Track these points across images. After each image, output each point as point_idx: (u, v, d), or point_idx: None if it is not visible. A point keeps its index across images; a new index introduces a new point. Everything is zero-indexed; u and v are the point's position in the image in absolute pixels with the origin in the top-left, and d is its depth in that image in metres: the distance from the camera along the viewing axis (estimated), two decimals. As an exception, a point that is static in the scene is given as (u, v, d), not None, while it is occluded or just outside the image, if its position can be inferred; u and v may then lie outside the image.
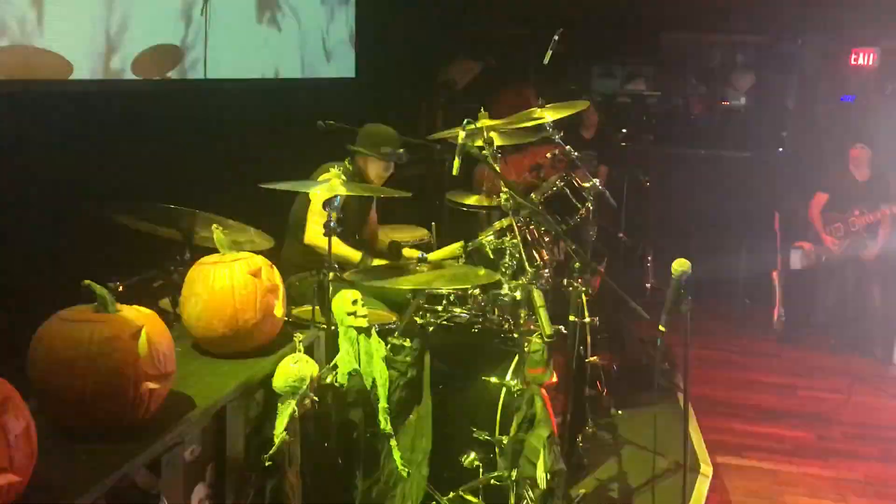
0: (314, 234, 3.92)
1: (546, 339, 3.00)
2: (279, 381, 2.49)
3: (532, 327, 3.29)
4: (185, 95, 4.39)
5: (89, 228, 3.41)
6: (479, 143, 3.65)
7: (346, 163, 4.10)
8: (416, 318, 3.57)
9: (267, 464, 2.40)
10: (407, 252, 4.31)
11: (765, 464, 4.31)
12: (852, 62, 7.75)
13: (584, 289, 3.82)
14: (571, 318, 3.30)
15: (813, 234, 6.29)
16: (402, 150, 4.09)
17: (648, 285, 6.80)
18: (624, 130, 7.35)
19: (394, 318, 3.60)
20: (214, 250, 3.02)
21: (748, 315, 6.73)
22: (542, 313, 2.98)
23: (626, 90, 8.56)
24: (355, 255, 3.95)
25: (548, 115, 3.94)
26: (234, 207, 3.17)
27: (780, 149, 7.44)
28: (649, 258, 6.86)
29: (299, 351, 2.61)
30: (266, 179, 3.06)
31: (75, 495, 1.74)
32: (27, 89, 3.34)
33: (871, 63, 7.65)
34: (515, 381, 3.28)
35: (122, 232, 3.25)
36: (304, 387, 2.50)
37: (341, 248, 3.90)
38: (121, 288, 3.00)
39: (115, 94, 3.85)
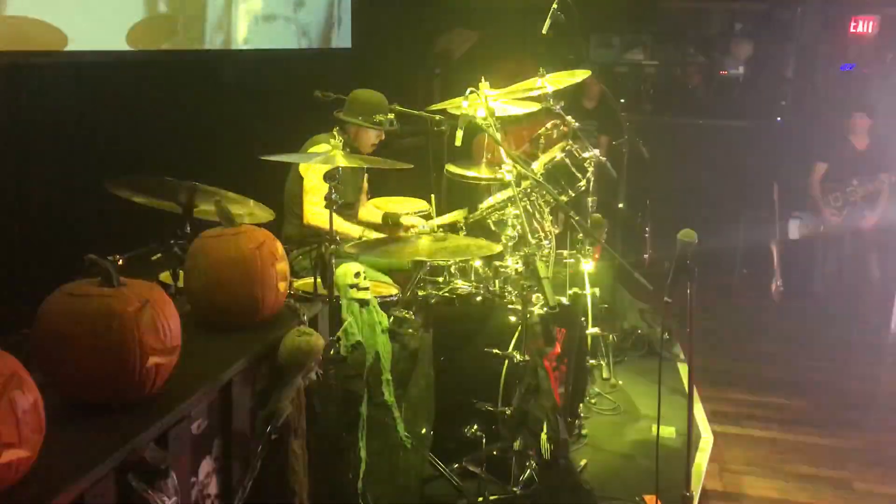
0: (312, 214, 3.89)
1: (549, 311, 3.00)
2: (285, 354, 2.49)
3: (535, 299, 3.29)
4: (181, 67, 4.33)
5: (87, 202, 3.39)
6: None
7: (335, 133, 4.05)
8: (418, 291, 3.57)
9: (273, 437, 2.40)
10: (409, 220, 4.29)
11: (764, 433, 4.34)
12: (851, 30, 7.70)
13: (584, 260, 3.83)
14: (575, 290, 3.29)
15: (811, 204, 6.29)
16: (392, 116, 4.05)
17: (646, 256, 6.79)
18: (622, 101, 7.29)
19: (395, 291, 3.59)
20: (214, 223, 3.00)
21: (746, 285, 6.74)
22: (546, 285, 2.98)
23: (623, 60, 8.49)
24: (355, 230, 3.93)
25: (549, 84, 3.90)
26: (230, 179, 3.13)
27: (779, 118, 7.40)
28: (647, 229, 6.85)
29: (304, 324, 2.60)
30: (260, 151, 3.03)
31: (85, 471, 1.73)
32: (22, 61, 3.29)
33: (870, 31, 7.60)
34: (518, 353, 3.28)
35: (119, 205, 3.21)
36: (310, 360, 2.49)
37: (342, 225, 3.88)
38: (120, 262, 2.99)
39: (109, 65, 3.80)
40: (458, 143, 3.28)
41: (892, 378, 5.28)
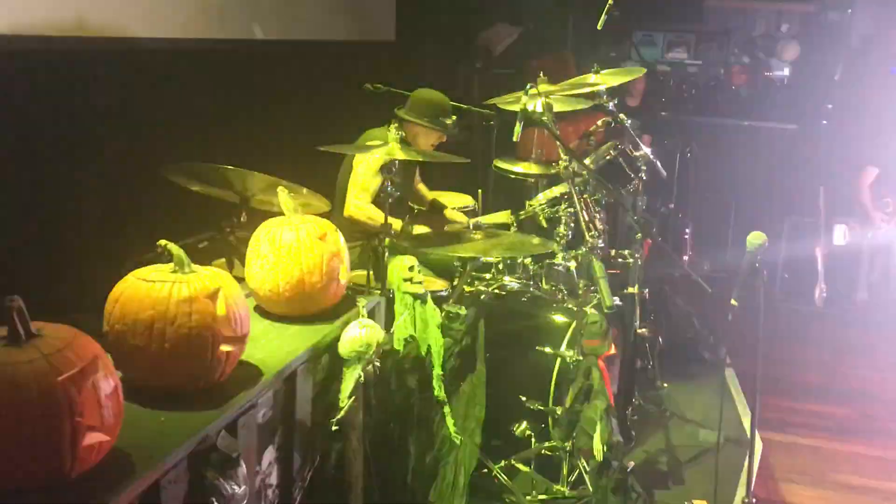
0: (354, 207, 3.88)
1: (606, 310, 2.97)
2: (346, 346, 2.47)
3: (589, 298, 3.26)
4: (227, 56, 4.32)
5: (141, 189, 3.39)
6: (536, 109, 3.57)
7: (392, 128, 4.03)
8: (465, 287, 3.54)
9: (334, 428, 2.39)
10: (453, 214, 4.27)
11: (808, 440, 4.28)
12: (901, 32, 7.53)
13: (635, 260, 3.78)
14: (631, 289, 3.25)
15: (859, 209, 6.17)
16: (455, 118, 4.02)
17: (686, 258, 6.72)
18: (664, 99, 7.21)
19: (445, 286, 3.57)
20: (268, 213, 3.00)
21: (790, 290, 6.62)
22: (603, 284, 2.95)
23: (666, 59, 8.39)
24: (396, 222, 3.91)
25: (604, 81, 3.86)
26: (277, 171, 3.11)
27: (825, 121, 7.27)
28: (688, 230, 6.77)
29: (363, 316, 2.58)
30: (307, 143, 3.01)
31: (161, 457, 1.73)
32: (78, 47, 3.29)
33: (921, 33, 7.42)
34: (571, 352, 3.25)
35: (170, 193, 3.22)
36: (370, 352, 2.48)
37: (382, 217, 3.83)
38: (201, 244, 3.00)
39: (163, 52, 3.80)
40: (515, 138, 3.25)
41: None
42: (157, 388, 1.97)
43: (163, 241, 2.07)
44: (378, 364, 2.61)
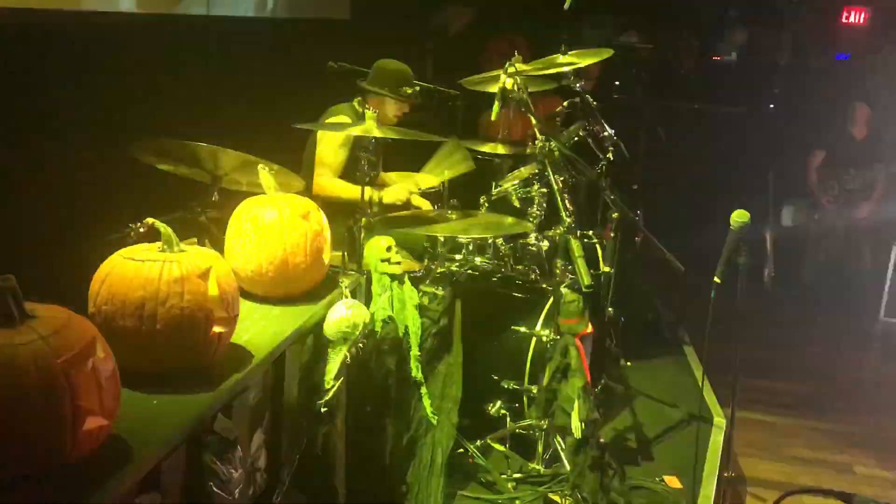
0: (319, 185, 3.81)
1: (584, 290, 2.98)
2: (331, 327, 2.43)
3: (565, 277, 3.27)
4: (185, 33, 4.19)
5: (107, 168, 3.27)
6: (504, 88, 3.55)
7: (356, 104, 3.96)
8: (436, 266, 3.52)
9: (323, 410, 2.35)
10: (417, 200, 4.23)
11: (763, 416, 4.40)
12: (843, 20, 7.77)
13: (603, 240, 3.82)
14: (606, 268, 3.28)
15: (806, 191, 6.36)
16: (418, 89, 3.97)
17: (638, 239, 6.81)
18: (616, 83, 7.27)
19: (419, 266, 3.54)
20: (240, 192, 2.91)
21: (738, 271, 6.76)
22: (581, 263, 2.96)
23: (617, 42, 8.45)
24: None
25: (572, 61, 3.86)
26: (238, 148, 3.03)
27: (772, 105, 7.46)
28: (639, 212, 6.86)
29: (345, 297, 2.54)
30: (264, 121, 2.93)
31: (160, 441, 1.67)
32: (37, 20, 3.14)
33: (862, 21, 7.68)
34: (547, 331, 3.27)
35: (138, 171, 3.10)
36: (357, 333, 2.45)
37: (348, 190, 3.76)
38: (142, 229, 2.89)
39: (117, 27, 3.65)
40: (493, 117, 3.23)
41: (882, 364, 5.40)
42: (147, 370, 1.90)
43: (149, 219, 1.99)
44: (362, 345, 2.58)
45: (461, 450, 3.28)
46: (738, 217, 2.43)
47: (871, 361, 5.42)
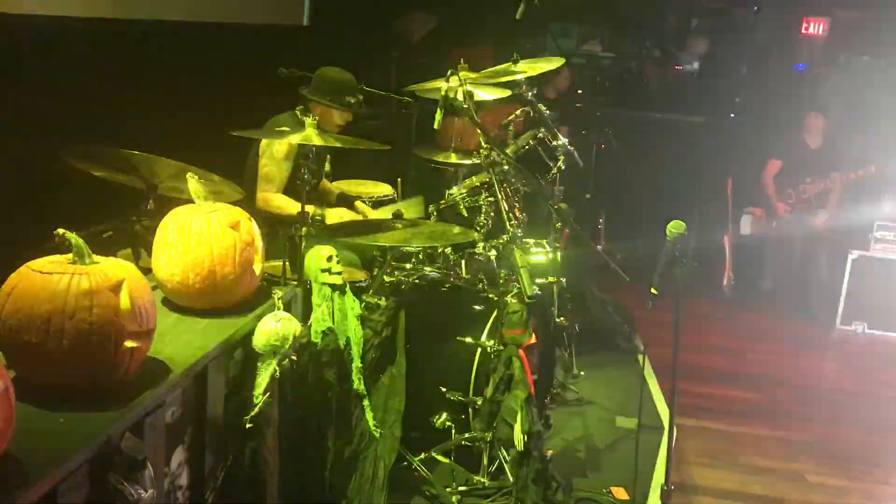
0: (262, 199, 3.76)
1: (527, 300, 2.95)
2: (260, 340, 2.37)
3: (510, 287, 3.24)
4: (131, 37, 4.10)
5: (39, 175, 3.18)
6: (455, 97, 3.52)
7: (298, 112, 3.90)
8: (386, 277, 3.48)
9: (248, 426, 2.29)
10: (363, 207, 4.17)
11: (718, 424, 4.39)
12: (803, 31, 7.86)
13: (555, 249, 3.79)
14: (551, 279, 3.25)
15: (764, 200, 6.40)
16: (361, 98, 3.93)
17: (600, 248, 6.81)
18: (579, 91, 7.28)
19: (364, 276, 3.49)
20: (177, 201, 2.84)
21: (699, 278, 6.80)
22: (524, 274, 2.92)
23: (581, 51, 8.49)
24: (309, 209, 3.79)
25: (523, 70, 3.84)
26: (182, 157, 2.96)
27: (732, 114, 7.52)
28: (601, 220, 6.87)
29: (279, 309, 2.48)
30: (212, 129, 2.88)
31: (57, 462, 1.60)
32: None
33: (821, 32, 7.76)
34: (491, 342, 3.22)
35: (72, 179, 3.02)
36: (287, 346, 2.39)
37: (292, 206, 3.72)
38: (106, 235, 2.81)
39: (56, 30, 3.57)
40: (436, 125, 3.19)
41: (838, 373, 5.43)
42: (55, 387, 1.83)
43: (60, 230, 1.92)
44: (294, 358, 2.52)
45: (405, 463, 3.22)
46: (674, 228, 2.40)
47: (826, 369, 5.45)
